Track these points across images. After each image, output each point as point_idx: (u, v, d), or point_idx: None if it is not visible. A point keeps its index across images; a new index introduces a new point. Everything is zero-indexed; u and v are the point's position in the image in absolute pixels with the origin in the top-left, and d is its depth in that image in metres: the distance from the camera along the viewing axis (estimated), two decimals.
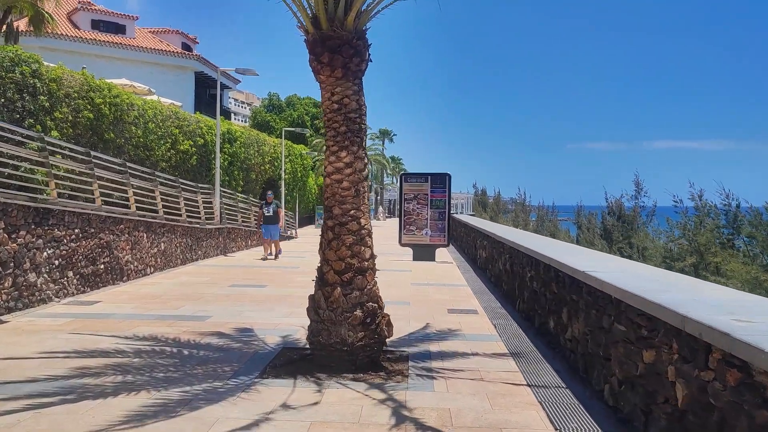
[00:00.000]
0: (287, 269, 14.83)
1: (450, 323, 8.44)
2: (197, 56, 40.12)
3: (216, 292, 10.93)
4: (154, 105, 17.27)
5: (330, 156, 6.06)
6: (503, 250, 11.16)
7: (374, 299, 6.11)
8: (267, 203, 17.64)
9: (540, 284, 7.77)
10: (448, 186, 17.53)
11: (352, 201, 6.03)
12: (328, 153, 6.10)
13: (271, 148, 29.29)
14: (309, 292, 10.80)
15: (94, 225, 10.58)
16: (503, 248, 11.15)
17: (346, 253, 5.99)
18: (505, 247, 10.78)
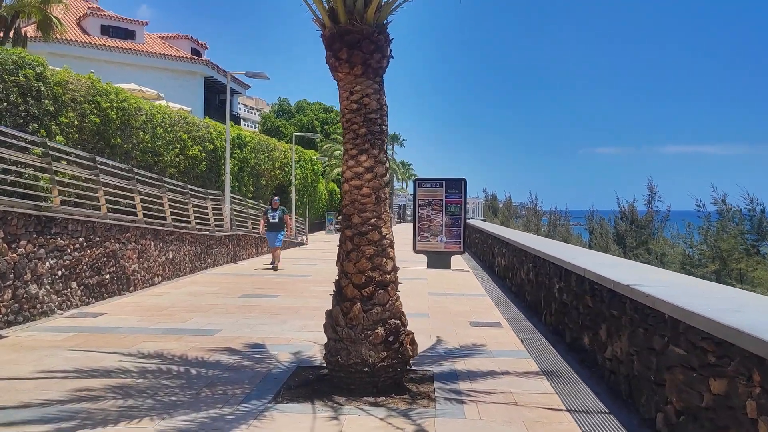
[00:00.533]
0: (299, 278, 14.38)
1: (473, 337, 7.94)
2: (206, 61, 39.86)
3: (226, 303, 10.49)
4: (162, 109, 16.91)
5: (349, 160, 5.60)
6: (526, 259, 10.66)
7: (397, 315, 5.62)
8: (272, 209, 16.47)
9: (571, 297, 7.26)
10: (463, 191, 17.04)
11: (373, 208, 5.56)
12: (346, 157, 5.64)
13: (282, 153, 28.93)
14: (322, 303, 10.33)
15: (99, 233, 10.16)
16: (526, 257, 10.64)
17: (367, 265, 5.52)
18: (529, 256, 10.27)
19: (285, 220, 16.45)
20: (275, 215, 16.27)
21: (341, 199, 5.77)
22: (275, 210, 16.36)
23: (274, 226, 16.25)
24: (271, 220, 16.26)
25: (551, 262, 8.36)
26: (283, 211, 16.42)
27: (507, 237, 13.23)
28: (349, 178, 5.58)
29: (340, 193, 5.22)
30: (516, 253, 11.90)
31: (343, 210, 5.70)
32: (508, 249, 13.15)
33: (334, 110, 53.01)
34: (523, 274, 10.90)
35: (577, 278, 6.89)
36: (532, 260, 9.93)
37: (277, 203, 16.58)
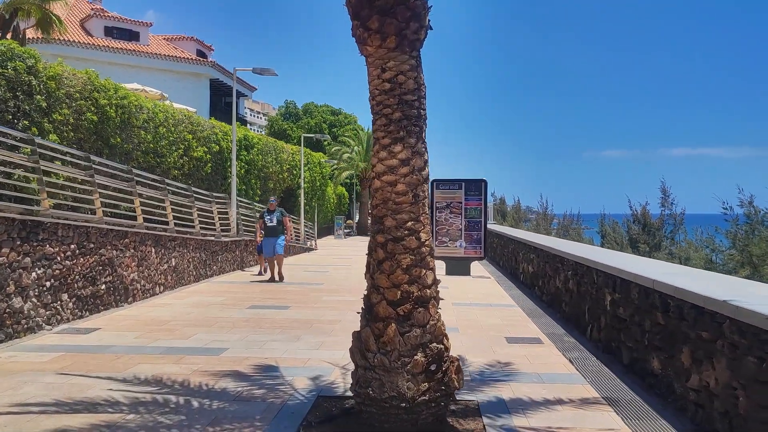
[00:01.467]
0: (310, 287, 13.44)
1: (514, 356, 6.98)
2: (212, 63, 39.08)
3: (232, 315, 9.55)
4: (165, 108, 16.03)
5: (380, 151, 4.65)
6: (562, 266, 9.68)
7: (439, 338, 4.67)
8: (269, 211, 14.47)
9: (630, 311, 6.29)
10: (484, 193, 16.10)
11: (410, 209, 4.61)
12: (377, 147, 4.70)
13: (290, 155, 28.05)
14: (338, 316, 9.38)
15: (94, 239, 9.25)
16: (563, 263, 9.67)
17: (403, 277, 4.57)
18: (567, 263, 9.30)
19: (284, 222, 14.49)
20: (273, 218, 14.31)
21: (371, 198, 4.83)
22: (272, 212, 14.44)
23: (273, 230, 14.23)
24: (268, 224, 14.27)
25: (600, 270, 7.39)
26: (281, 213, 14.51)
27: (536, 242, 12.26)
28: (381, 172, 4.64)
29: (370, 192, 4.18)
30: (548, 259, 10.93)
31: (373, 211, 4.75)
32: (537, 255, 12.18)
33: (342, 113, 52.17)
34: (559, 282, 9.92)
35: (641, 290, 5.92)
36: (572, 268, 8.96)
37: (274, 204, 14.70)
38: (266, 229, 14.28)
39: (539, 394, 5.54)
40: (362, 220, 45.41)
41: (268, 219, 14.33)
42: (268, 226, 14.29)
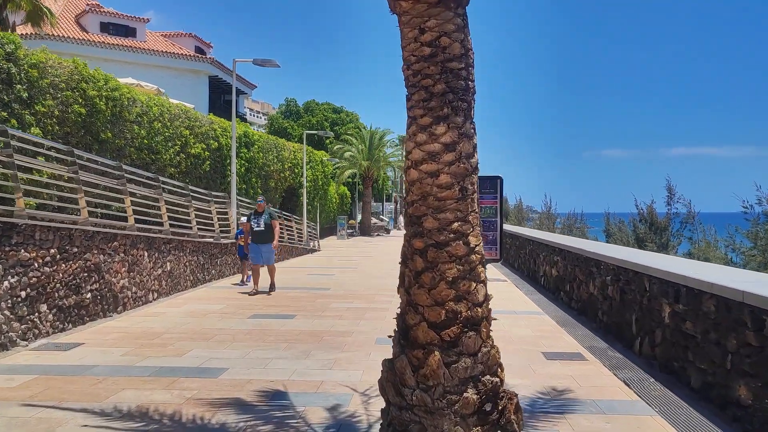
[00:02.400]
0: (316, 292, 12.48)
1: (559, 378, 6.03)
2: (211, 59, 38.10)
3: (233, 327, 8.59)
4: (160, 102, 15.08)
5: (418, 133, 3.70)
6: (598, 270, 8.73)
7: (493, 369, 3.72)
8: (256, 213, 12.26)
9: (703, 326, 5.33)
10: (499, 191, 15.09)
11: (456, 207, 3.66)
12: (413, 129, 3.74)
13: (291, 153, 27.10)
14: (350, 326, 8.41)
15: (78, 243, 8.30)
16: (598, 267, 8.71)
17: (448, 293, 3.62)
18: (605, 267, 8.34)
19: (273, 226, 12.20)
20: (261, 221, 12.10)
21: (406, 193, 3.87)
22: (260, 214, 12.20)
23: (262, 236, 12.08)
24: (255, 229, 12.10)
25: (654, 276, 6.43)
26: (270, 216, 12.26)
27: (562, 243, 11.30)
28: (419, 160, 3.68)
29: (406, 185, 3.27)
30: (578, 262, 9.97)
31: (408, 209, 3.80)
32: (562, 257, 11.22)
33: (343, 110, 51.20)
34: (594, 288, 8.96)
35: (721, 302, 4.96)
36: (613, 272, 8.00)
37: (262, 205, 12.35)
38: (253, 235, 12.11)
39: (604, 430, 4.59)
40: (365, 220, 44.43)
41: (255, 222, 12.11)
42: (255, 230, 12.07)
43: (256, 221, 12.12)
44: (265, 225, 12.05)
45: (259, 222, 12.08)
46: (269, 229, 12.08)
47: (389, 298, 11.42)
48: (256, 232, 12.10)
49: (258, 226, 12.07)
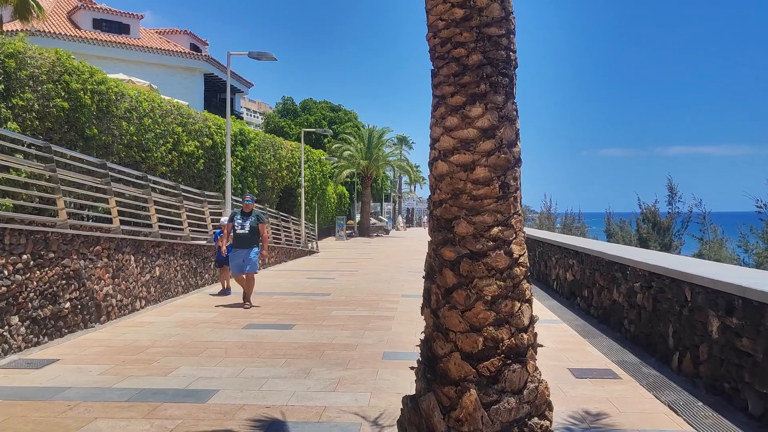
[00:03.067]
0: (316, 298, 11.74)
1: (594, 400, 5.31)
2: (207, 57, 37.35)
3: (225, 338, 7.86)
4: (151, 97, 14.35)
5: (447, 116, 2.98)
6: (623, 275, 8.01)
7: (541, 409, 3.00)
8: (243, 213, 10.61)
9: (763, 344, 4.61)
10: None
11: (496, 207, 2.94)
12: (441, 111, 3.03)
13: (289, 152, 26.36)
14: (354, 338, 7.69)
15: (55, 248, 7.55)
16: (624, 272, 7.99)
17: (487, 315, 2.90)
18: (635, 272, 7.61)
19: (260, 231, 10.58)
20: (246, 223, 10.41)
21: (431, 190, 3.15)
22: (247, 215, 10.54)
23: (244, 240, 10.35)
24: (238, 231, 10.38)
25: (698, 284, 5.72)
26: (258, 218, 10.57)
27: (579, 245, 10.58)
28: (449, 149, 2.96)
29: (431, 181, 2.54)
30: (598, 266, 9.25)
31: (436, 211, 3.08)
32: (579, 260, 10.50)
33: (341, 109, 50.43)
34: (618, 295, 8.25)
35: None
36: (643, 279, 7.28)
37: (250, 206, 10.65)
38: (235, 238, 10.46)
39: None
40: (364, 220, 43.68)
41: (239, 224, 10.42)
42: (238, 233, 10.39)
43: (240, 223, 10.42)
44: (250, 228, 10.37)
45: (244, 224, 10.41)
46: (255, 233, 10.44)
47: (394, 305, 10.70)
48: (239, 235, 10.37)
49: (242, 229, 10.38)
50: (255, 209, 10.99)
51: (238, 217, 10.51)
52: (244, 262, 10.35)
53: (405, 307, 10.49)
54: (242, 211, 10.67)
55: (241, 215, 10.56)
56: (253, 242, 10.41)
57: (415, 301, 11.37)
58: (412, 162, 62.63)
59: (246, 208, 10.62)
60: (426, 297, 3.15)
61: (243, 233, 10.37)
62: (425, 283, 3.18)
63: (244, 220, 10.46)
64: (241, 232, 10.38)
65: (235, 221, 10.47)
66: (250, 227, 10.40)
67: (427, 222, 51.36)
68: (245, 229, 10.38)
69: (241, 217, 10.51)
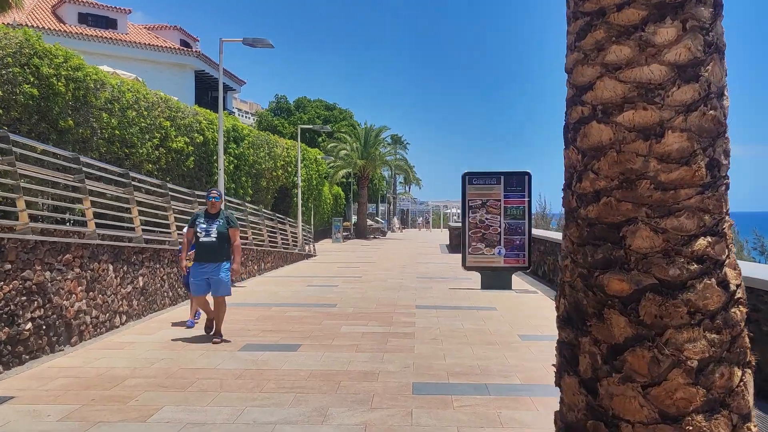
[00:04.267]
0: (320, 309, 10.46)
1: None
2: (197, 53, 36.03)
3: (219, 364, 6.57)
4: (135, 87, 13.03)
5: (609, 42, 1.72)
6: None
7: None
8: (207, 215, 7.89)
9: None
10: (527, 189, 13.19)
11: (700, 202, 1.68)
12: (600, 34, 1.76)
13: (284, 151, 25.05)
14: (371, 363, 6.45)
15: (12, 257, 6.25)
16: None
17: (690, 394, 1.63)
18: None
19: (231, 238, 7.88)
20: (212, 228, 7.73)
21: (574, 177, 1.89)
22: (213, 217, 7.85)
23: (210, 250, 7.69)
24: (202, 239, 7.70)
25: None
26: (227, 221, 7.89)
27: None
28: (613, 101, 1.73)
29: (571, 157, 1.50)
30: None
31: (584, 210, 1.82)
32: None
33: (336, 108, 49.15)
34: None
35: None
36: None
37: (218, 204, 7.97)
38: (198, 249, 7.73)
39: None
40: (360, 221, 42.38)
41: (202, 230, 7.70)
42: (202, 242, 7.67)
43: (205, 228, 7.68)
44: (218, 234, 7.66)
45: (210, 229, 7.66)
46: (224, 242, 7.73)
47: (410, 318, 9.44)
48: (203, 245, 7.65)
49: (206, 236, 7.63)
50: (225, 209, 8.63)
51: (202, 220, 7.75)
52: (210, 281, 7.68)
53: (423, 321, 9.23)
54: (206, 212, 7.86)
55: (205, 218, 7.79)
56: (223, 254, 7.73)
57: (433, 313, 10.14)
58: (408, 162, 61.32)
59: (212, 207, 7.85)
60: (567, 356, 1.91)
61: (208, 242, 7.64)
62: (562, 333, 1.93)
63: (210, 224, 7.71)
64: (205, 240, 7.64)
65: (198, 226, 7.73)
66: (217, 233, 7.67)
67: (422, 223, 50.14)
68: (211, 236, 7.65)
69: (205, 220, 7.75)
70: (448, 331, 8.41)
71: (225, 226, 7.79)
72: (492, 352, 7.19)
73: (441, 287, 13.63)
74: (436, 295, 12.18)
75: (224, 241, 7.76)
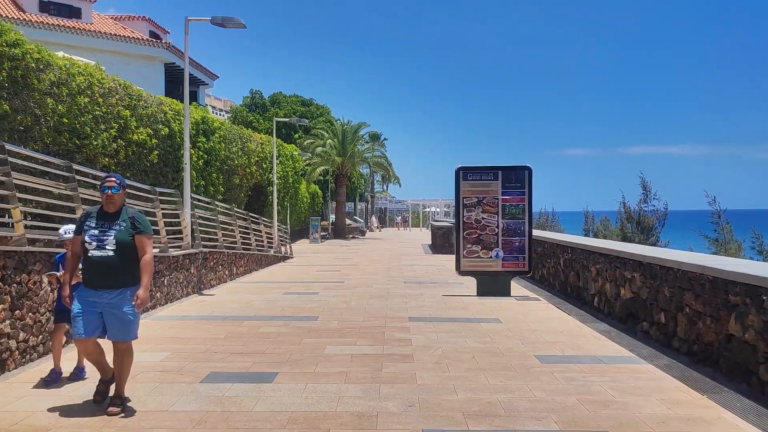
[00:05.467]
0: (300, 324, 9.10)
1: None
2: (168, 44, 34.32)
3: (173, 405, 5.19)
4: (88, 71, 11.57)
5: None
6: (752, 301, 5.55)
7: None
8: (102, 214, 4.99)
9: None
10: (527, 185, 11.96)
11: None
12: None
13: (259, 146, 23.64)
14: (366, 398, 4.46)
15: None
16: (752, 296, 5.54)
17: None
18: None
19: (139, 247, 5.00)
20: (108, 236, 4.90)
21: None
22: (111, 217, 4.99)
23: (106, 270, 4.90)
24: (93, 253, 4.89)
25: None
26: (133, 224, 4.99)
27: (642, 254, 8.12)
28: None
29: None
30: (690, 285, 6.80)
31: None
32: (643, 274, 8.06)
33: (313, 103, 47.68)
34: (740, 329, 5.79)
35: None
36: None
37: (115, 197, 4.97)
38: (87, 267, 4.99)
39: None
40: (339, 221, 40.97)
41: (93, 237, 4.90)
42: (93, 258, 4.89)
43: (95, 236, 4.91)
44: (117, 245, 4.91)
45: (104, 238, 4.90)
46: (129, 255, 4.97)
47: (404, 334, 8.13)
48: (94, 261, 4.89)
49: (100, 247, 4.89)
50: (131, 206, 5.59)
51: (93, 223, 4.94)
52: (107, 317, 4.95)
53: (421, 337, 7.93)
54: (101, 210, 5.03)
55: (98, 219, 4.97)
56: (127, 276, 4.96)
57: (430, 327, 8.67)
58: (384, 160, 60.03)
59: (109, 203, 4.96)
60: None
61: (102, 258, 4.86)
62: None
63: (105, 230, 4.91)
64: (97, 254, 4.87)
65: (86, 233, 4.91)
66: (117, 244, 4.89)
67: (401, 222, 48.92)
68: (106, 249, 4.87)
69: (98, 224, 4.94)
70: (451, 352, 7.12)
71: (129, 232, 4.94)
72: (511, 381, 5.92)
73: (433, 294, 12.35)
74: (430, 304, 10.89)
75: (128, 255, 4.94)
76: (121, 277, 4.94)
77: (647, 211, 28.85)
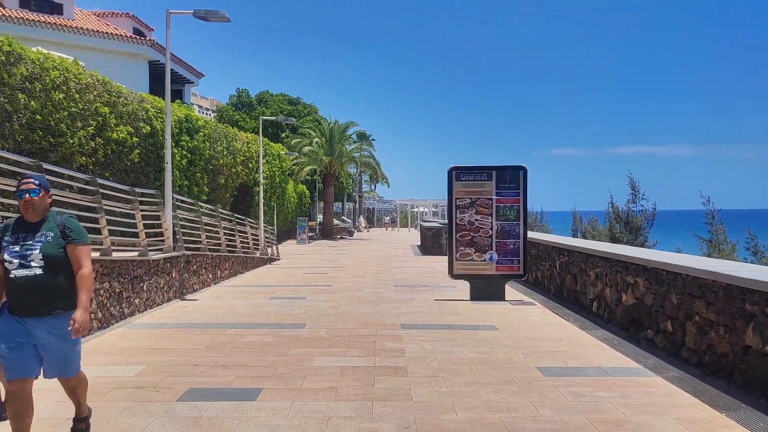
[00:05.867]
0: (286, 332, 8.64)
1: None
2: (152, 41, 33.68)
3: (149, 429, 4.72)
4: (64, 65, 11.04)
5: None
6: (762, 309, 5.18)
7: None
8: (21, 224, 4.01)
9: None
10: (522, 186, 11.57)
11: None
12: None
13: (244, 145, 23.11)
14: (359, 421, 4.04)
15: None
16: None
17: None
18: None
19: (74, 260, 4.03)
20: (32, 250, 3.90)
21: None
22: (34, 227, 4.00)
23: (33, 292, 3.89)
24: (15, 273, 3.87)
25: None
26: (62, 234, 4.01)
27: (649, 258, 7.73)
28: None
29: None
30: (701, 292, 6.42)
31: None
32: (647, 279, 7.68)
33: (300, 102, 47.14)
34: (757, 341, 5.41)
35: None
36: None
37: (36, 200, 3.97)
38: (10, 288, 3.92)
39: None
40: (327, 221, 40.47)
41: (14, 254, 3.89)
42: (15, 278, 3.87)
43: (16, 252, 3.91)
44: (45, 260, 3.93)
45: (28, 252, 3.91)
46: (61, 271, 4.00)
47: (397, 344, 7.70)
48: (18, 282, 3.89)
49: (22, 265, 3.90)
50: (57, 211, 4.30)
51: (9, 237, 3.98)
52: (45, 350, 3.99)
53: (414, 347, 7.50)
54: (19, 220, 4.09)
55: (13, 232, 4.01)
56: (58, 298, 4.00)
57: (423, 335, 8.13)
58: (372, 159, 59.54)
59: (28, 210, 4.01)
60: None
61: (27, 277, 3.90)
62: None
63: (28, 243, 3.95)
64: (20, 274, 3.90)
65: (6, 250, 3.94)
66: (44, 257, 3.94)
67: (389, 223, 48.67)
68: (31, 266, 3.91)
69: (14, 237, 3.98)
70: (447, 363, 6.69)
71: (58, 244, 4.00)
72: (514, 397, 5.50)
73: (424, 298, 11.93)
74: (421, 310, 10.47)
75: (60, 271, 3.99)
76: (51, 299, 3.93)
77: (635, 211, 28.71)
